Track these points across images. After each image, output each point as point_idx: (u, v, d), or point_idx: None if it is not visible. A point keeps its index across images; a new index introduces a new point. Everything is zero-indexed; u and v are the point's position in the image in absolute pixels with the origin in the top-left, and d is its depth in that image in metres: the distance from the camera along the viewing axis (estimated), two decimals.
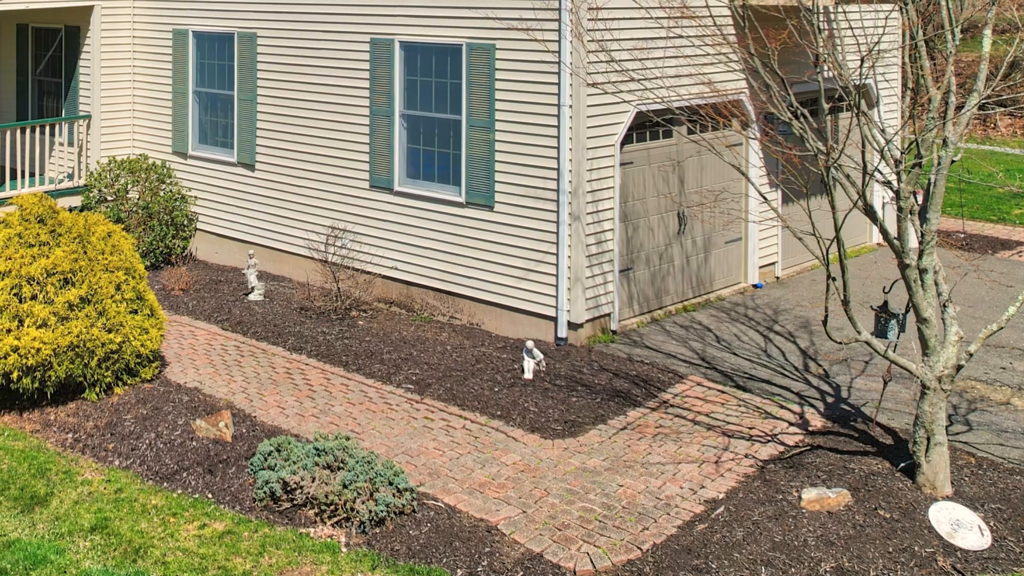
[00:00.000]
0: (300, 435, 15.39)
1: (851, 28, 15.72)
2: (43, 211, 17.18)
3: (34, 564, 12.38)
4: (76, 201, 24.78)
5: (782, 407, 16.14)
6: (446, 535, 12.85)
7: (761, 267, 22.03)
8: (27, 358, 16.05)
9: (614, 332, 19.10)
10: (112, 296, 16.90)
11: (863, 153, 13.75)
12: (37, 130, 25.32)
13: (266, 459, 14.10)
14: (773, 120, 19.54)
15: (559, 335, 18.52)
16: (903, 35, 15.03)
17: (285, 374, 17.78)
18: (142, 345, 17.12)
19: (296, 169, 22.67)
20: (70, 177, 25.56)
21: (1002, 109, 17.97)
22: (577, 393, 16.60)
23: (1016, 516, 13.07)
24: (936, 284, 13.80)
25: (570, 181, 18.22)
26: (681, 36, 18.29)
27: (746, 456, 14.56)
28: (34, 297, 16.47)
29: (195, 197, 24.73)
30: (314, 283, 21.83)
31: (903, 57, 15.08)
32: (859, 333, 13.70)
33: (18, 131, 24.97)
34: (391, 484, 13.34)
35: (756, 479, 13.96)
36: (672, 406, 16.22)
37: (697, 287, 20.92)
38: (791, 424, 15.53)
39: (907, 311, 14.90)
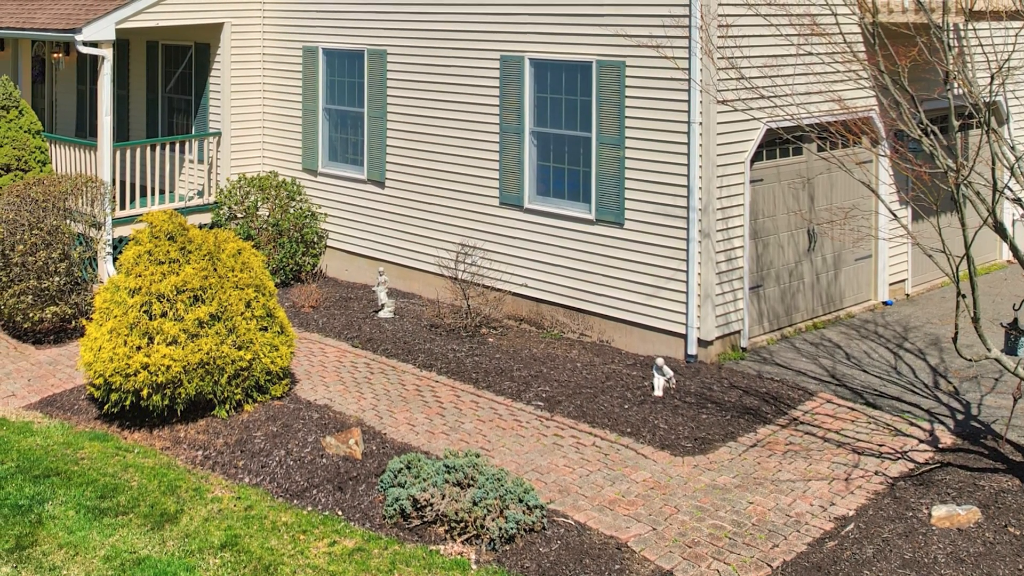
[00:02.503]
0: (430, 452, 15.77)
1: (981, 45, 16.02)
2: (173, 228, 17.62)
3: None
4: (206, 218, 25.59)
5: (912, 424, 16.40)
6: (576, 552, 13.18)
7: (891, 284, 22.36)
8: (157, 375, 16.50)
9: (744, 349, 19.51)
10: (242, 313, 17.33)
11: (993, 170, 14.03)
12: (167, 147, 26.13)
13: (396, 476, 14.48)
14: (903, 137, 19.84)
15: (689, 352, 18.97)
16: None
17: (415, 391, 18.23)
18: (272, 362, 17.56)
19: (426, 186, 23.26)
20: (200, 194, 26.33)
21: None
22: (707, 410, 17.00)
23: None
24: None
25: (700, 198, 18.67)
26: (811, 53, 18.66)
27: (876, 473, 14.85)
28: (164, 314, 16.94)
29: (325, 214, 25.37)
30: (444, 300, 22.35)
31: None
32: (989, 350, 14.08)
33: (148, 148, 25.76)
34: (521, 501, 13.68)
35: (886, 496, 14.25)
36: (802, 423, 16.57)
37: (827, 304, 21.28)
38: (921, 441, 15.79)
39: None
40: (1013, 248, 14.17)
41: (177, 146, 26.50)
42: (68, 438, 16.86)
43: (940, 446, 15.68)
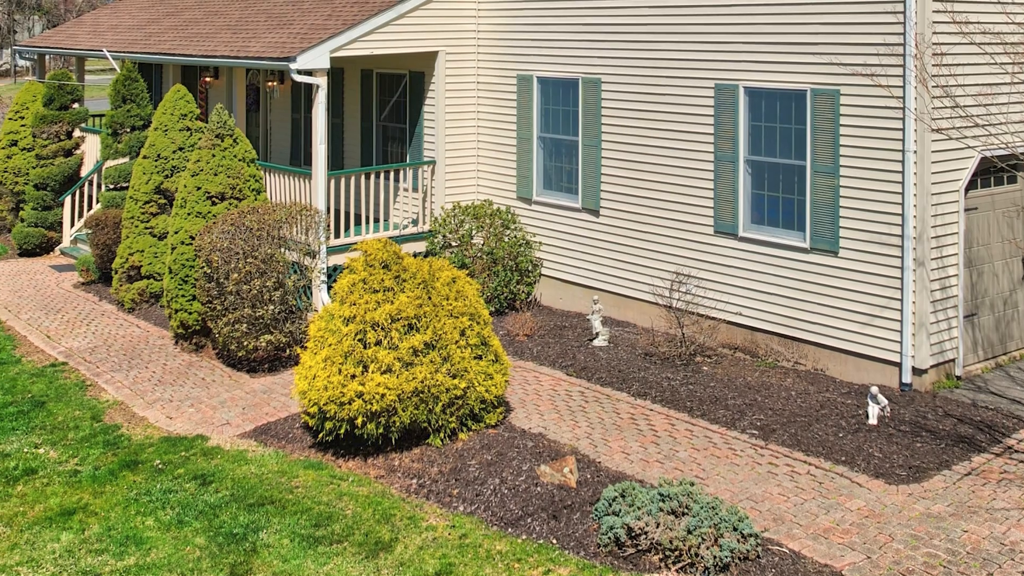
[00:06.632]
0: (644, 481, 16.61)
1: None
2: (387, 256, 18.60)
3: None
4: (420, 247, 26.89)
5: None
6: None
7: None
8: (371, 404, 17.35)
9: (958, 378, 20.24)
10: (456, 342, 18.18)
11: None
12: (381, 175, 27.43)
13: (610, 504, 15.24)
14: None
15: (903, 380, 19.75)
16: None
17: (629, 420, 19.15)
18: (486, 391, 18.44)
19: (640, 214, 24.33)
20: (414, 222, 27.57)
21: None
22: (921, 439, 17.75)
23: None
24: None
25: (914, 227, 19.49)
26: None
27: None
28: (378, 343, 17.82)
29: (539, 242, 26.51)
30: (658, 328, 23.34)
31: None
32: None
33: (363, 176, 27.16)
34: (735, 530, 14.42)
35: None
36: (1017, 452, 17.27)
37: None
38: None
39: None
40: None
41: (391, 174, 27.69)
42: (282, 466, 17.92)
43: None
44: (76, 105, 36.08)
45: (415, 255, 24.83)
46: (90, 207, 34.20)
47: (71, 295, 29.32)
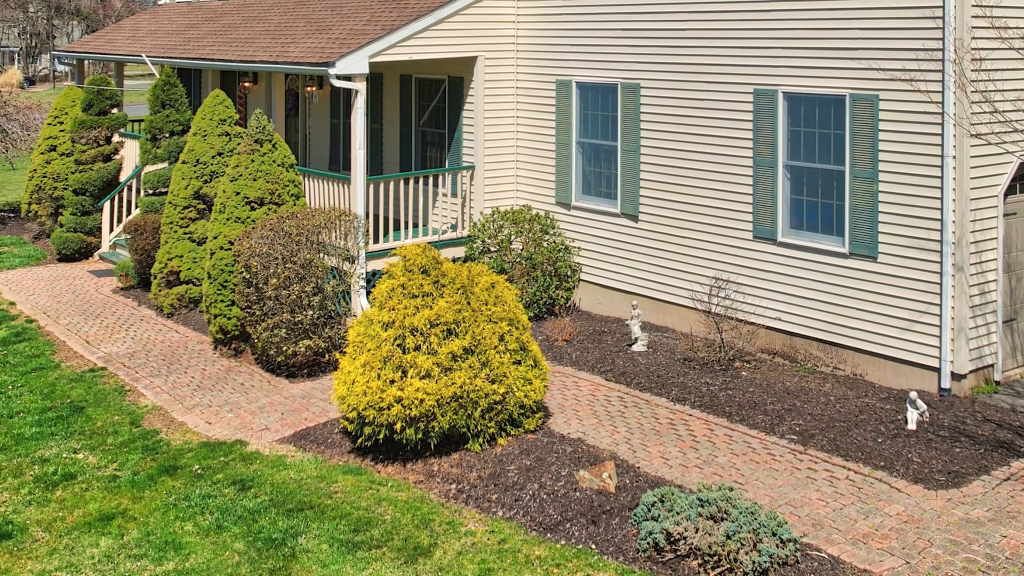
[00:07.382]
0: (683, 486, 16.67)
1: None
2: (426, 262, 18.62)
3: None
4: (459, 252, 27.07)
5: None
6: None
7: None
8: (410, 409, 17.40)
9: (997, 383, 20.36)
10: (495, 347, 18.22)
11: None
12: (420, 181, 27.57)
13: (649, 510, 15.32)
14: None
15: (942, 386, 19.87)
16: None
17: (668, 425, 19.26)
18: (525, 396, 18.49)
19: (678, 219, 24.50)
20: (453, 228, 27.74)
21: None
22: (960, 444, 17.86)
23: None
24: None
25: (953, 232, 19.61)
26: None
27: None
28: (417, 348, 17.86)
29: (578, 248, 26.68)
30: (697, 334, 23.50)
31: None
32: None
33: (401, 181, 27.26)
34: (774, 535, 14.48)
35: None
36: None
37: None
38: None
39: None
40: None
41: (430, 180, 27.88)
42: (321, 472, 18.04)
43: None
44: (115, 110, 36.33)
45: (454, 260, 25.02)
46: (129, 212, 34.46)
47: (110, 300, 29.62)
